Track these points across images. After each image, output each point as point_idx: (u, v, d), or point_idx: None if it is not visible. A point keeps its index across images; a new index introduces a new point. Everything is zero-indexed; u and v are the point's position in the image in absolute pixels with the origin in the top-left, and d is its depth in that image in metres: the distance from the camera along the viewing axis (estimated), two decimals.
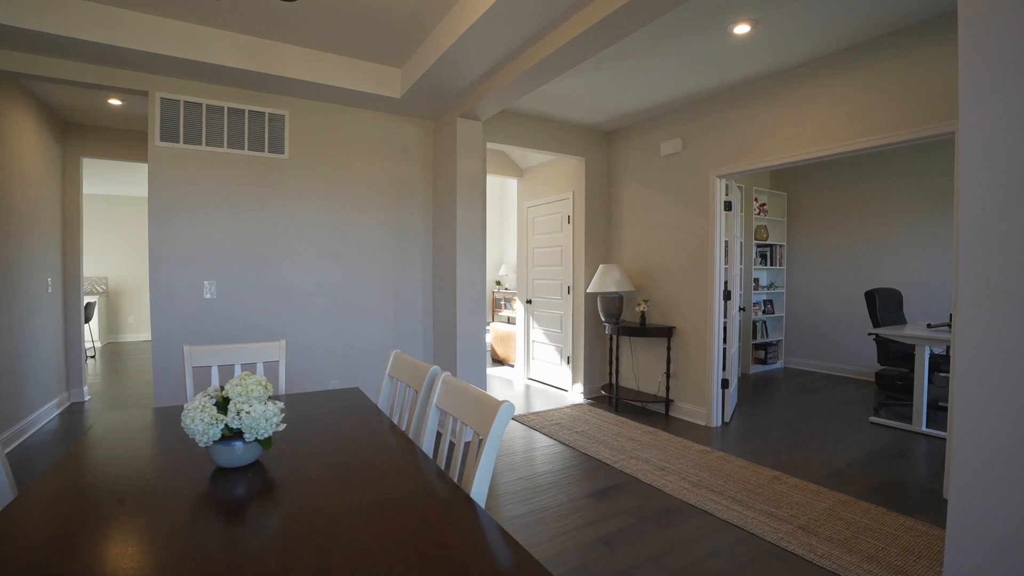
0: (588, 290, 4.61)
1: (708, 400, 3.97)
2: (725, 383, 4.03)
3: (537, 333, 5.59)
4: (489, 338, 8.70)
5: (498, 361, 6.89)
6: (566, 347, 5.12)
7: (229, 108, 3.33)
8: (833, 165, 5.99)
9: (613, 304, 4.47)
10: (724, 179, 3.93)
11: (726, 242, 4.05)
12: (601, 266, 4.51)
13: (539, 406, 4.60)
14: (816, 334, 6.19)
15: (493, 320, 11.72)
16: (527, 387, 5.38)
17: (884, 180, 5.55)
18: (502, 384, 5.54)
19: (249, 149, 3.40)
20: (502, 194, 10.13)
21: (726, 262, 4.07)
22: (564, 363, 5.15)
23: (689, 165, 4.13)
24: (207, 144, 3.27)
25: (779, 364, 6.44)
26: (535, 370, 5.64)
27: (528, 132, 4.50)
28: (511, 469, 3.12)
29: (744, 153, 3.70)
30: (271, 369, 3.29)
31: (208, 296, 3.28)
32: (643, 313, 4.38)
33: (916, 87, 2.82)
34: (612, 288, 4.36)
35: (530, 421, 4.09)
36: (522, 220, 5.87)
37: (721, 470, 3.05)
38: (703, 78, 3.64)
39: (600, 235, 4.97)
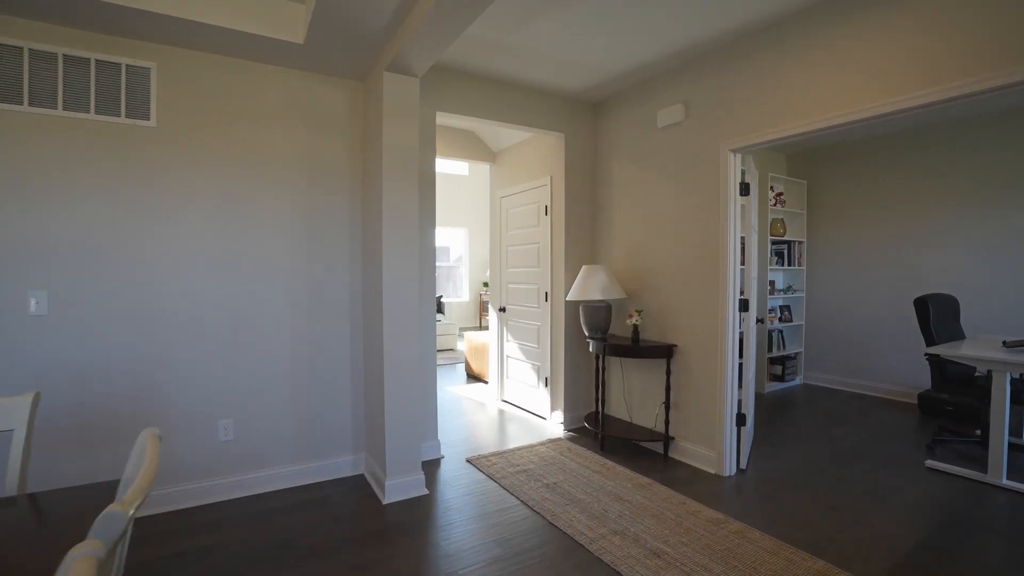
0: (568, 297, 3.70)
1: (719, 441, 3.07)
2: (741, 419, 3.12)
3: (512, 347, 4.69)
4: (463, 347, 7.78)
5: (473, 377, 5.99)
6: (544, 366, 4.21)
7: (66, 56, 2.43)
8: (861, 145, 5.06)
9: (598, 315, 3.57)
10: (739, 153, 3.02)
11: (742, 237, 3.14)
12: (584, 268, 3.60)
13: (511, 439, 3.71)
14: (842, 346, 5.27)
15: (480, 325, 10.83)
16: (500, 412, 4.48)
17: (927, 160, 4.61)
18: (473, 407, 4.64)
19: (97, 112, 2.50)
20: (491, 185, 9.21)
21: (742, 262, 3.17)
22: (542, 385, 4.25)
23: (694, 137, 3.22)
24: (31, 104, 2.37)
25: (798, 380, 5.53)
26: (509, 391, 4.74)
27: (494, 103, 3.59)
28: (447, 556, 2.23)
29: (768, 119, 2.79)
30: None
31: (35, 312, 2.39)
32: (636, 327, 3.48)
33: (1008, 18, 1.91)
34: (597, 295, 3.46)
35: (491, 466, 3.19)
36: (495, 212, 4.97)
37: (741, 557, 2.16)
38: (711, 19, 2.73)
39: (584, 229, 4.06)
